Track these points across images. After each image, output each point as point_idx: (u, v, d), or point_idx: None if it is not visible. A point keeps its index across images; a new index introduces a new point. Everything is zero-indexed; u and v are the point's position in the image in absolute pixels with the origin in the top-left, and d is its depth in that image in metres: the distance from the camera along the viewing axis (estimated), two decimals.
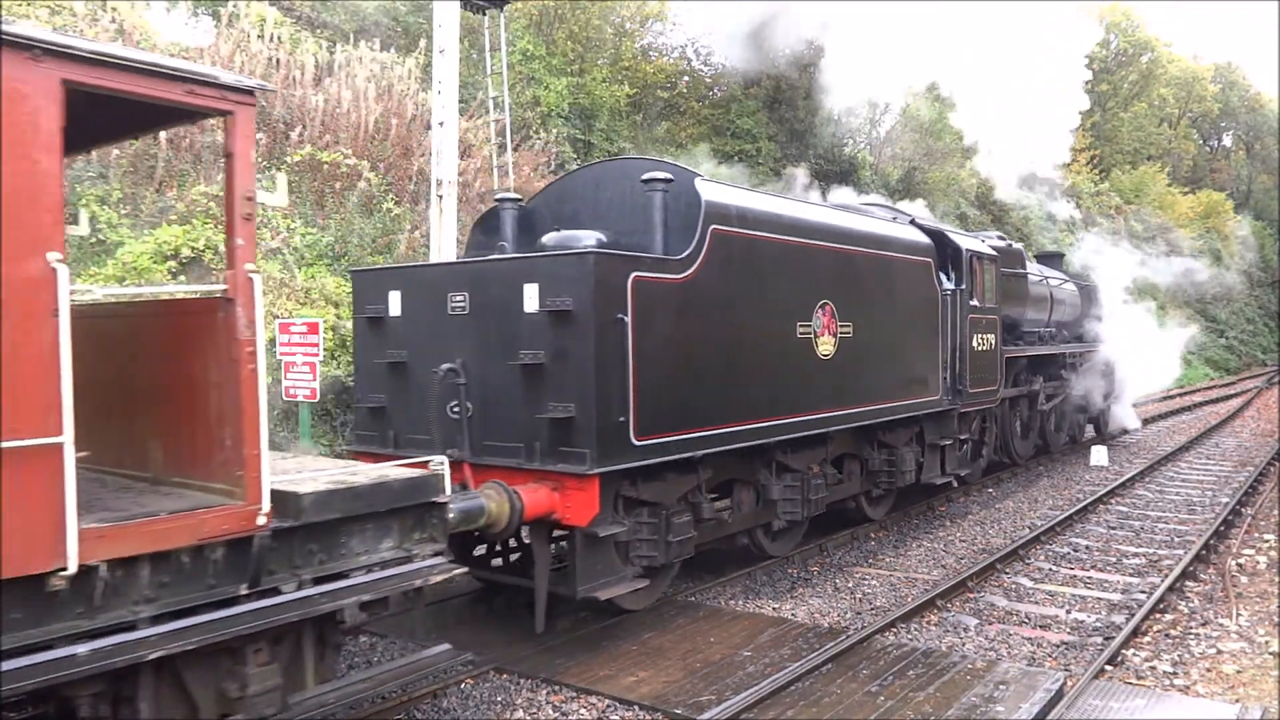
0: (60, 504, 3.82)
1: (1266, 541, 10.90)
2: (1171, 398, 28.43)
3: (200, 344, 4.57)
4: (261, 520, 4.45)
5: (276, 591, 4.64)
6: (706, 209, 7.65)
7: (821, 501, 9.42)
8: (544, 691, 6.27)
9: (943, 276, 11.65)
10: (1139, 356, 19.92)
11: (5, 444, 3.64)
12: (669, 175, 7.87)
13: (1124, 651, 7.23)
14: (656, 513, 7.35)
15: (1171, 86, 56.43)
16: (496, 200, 8.98)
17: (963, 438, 12.35)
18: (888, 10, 21.39)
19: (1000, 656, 7.14)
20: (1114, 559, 10.10)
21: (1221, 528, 11.17)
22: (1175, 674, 6.88)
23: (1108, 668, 6.84)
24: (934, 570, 9.59)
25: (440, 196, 10.99)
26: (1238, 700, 6.39)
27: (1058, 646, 7.42)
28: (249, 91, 4.43)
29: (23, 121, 3.74)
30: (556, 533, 7.16)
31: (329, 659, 5.10)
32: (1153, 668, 6.98)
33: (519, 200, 9.01)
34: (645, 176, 7.86)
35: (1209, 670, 7.01)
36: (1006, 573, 9.50)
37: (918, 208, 18.98)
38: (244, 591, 4.51)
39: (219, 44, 13.93)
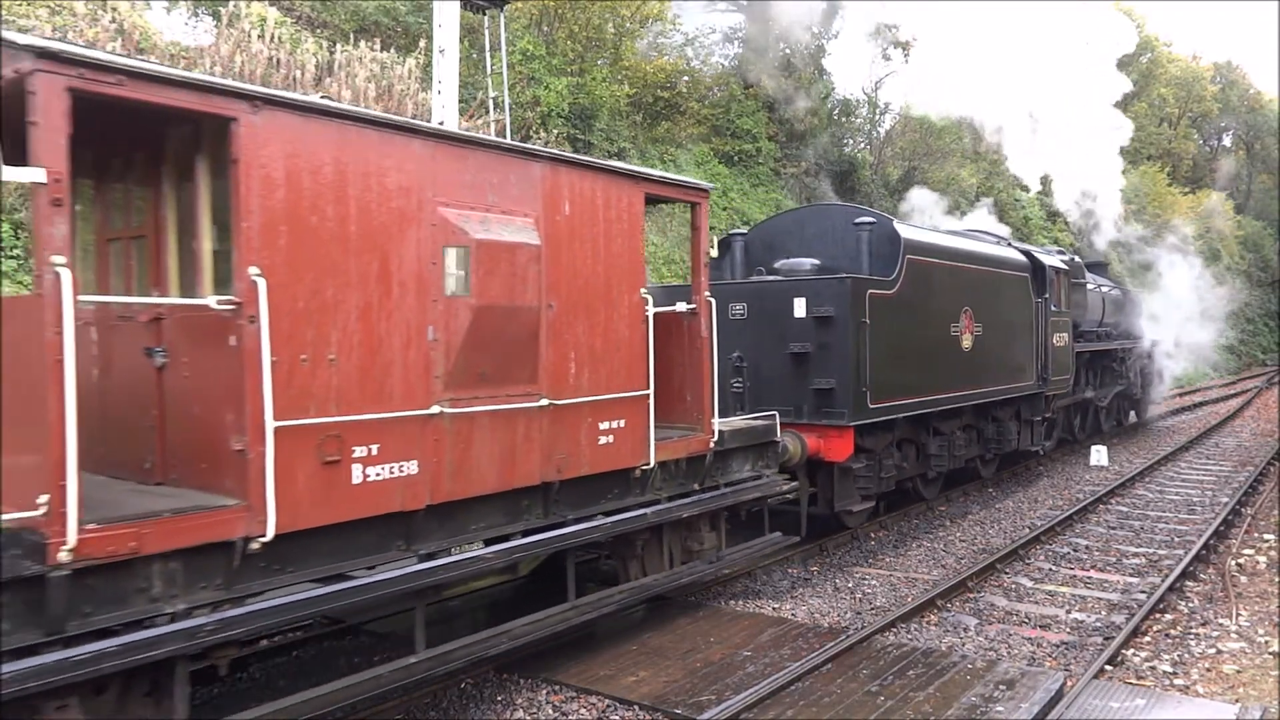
0: (648, 427, 6.92)
1: (1266, 541, 10.90)
2: (1171, 397, 28.43)
3: (677, 339, 7.57)
4: (712, 444, 7.59)
5: (711, 490, 7.77)
6: (905, 244, 10.83)
7: (961, 458, 12.58)
8: (544, 691, 6.27)
9: (1033, 287, 14.57)
10: (1176, 347, 23.42)
11: (632, 393, 6.77)
12: (873, 219, 11.16)
13: (1124, 651, 7.24)
14: (872, 456, 10.44)
15: (1171, 86, 56.35)
16: (730, 234, 12.06)
17: (1047, 416, 15.27)
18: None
19: (1000, 656, 7.14)
20: (1114, 559, 10.10)
21: (1221, 528, 11.17)
22: (1175, 674, 6.88)
23: (1108, 668, 6.84)
24: (934, 570, 9.59)
25: None
26: (1238, 700, 6.38)
27: (1058, 646, 7.42)
28: (706, 191, 7.88)
29: (633, 218, 6.88)
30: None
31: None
32: (1153, 668, 6.99)
33: (744, 233, 12.17)
34: (856, 220, 11.10)
35: (1209, 670, 7.01)
36: (1006, 573, 9.50)
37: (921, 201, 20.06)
38: (697, 488, 7.65)
39: (219, 44, 13.91)
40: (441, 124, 10.94)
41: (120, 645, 4.05)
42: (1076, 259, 18.32)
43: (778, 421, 8.67)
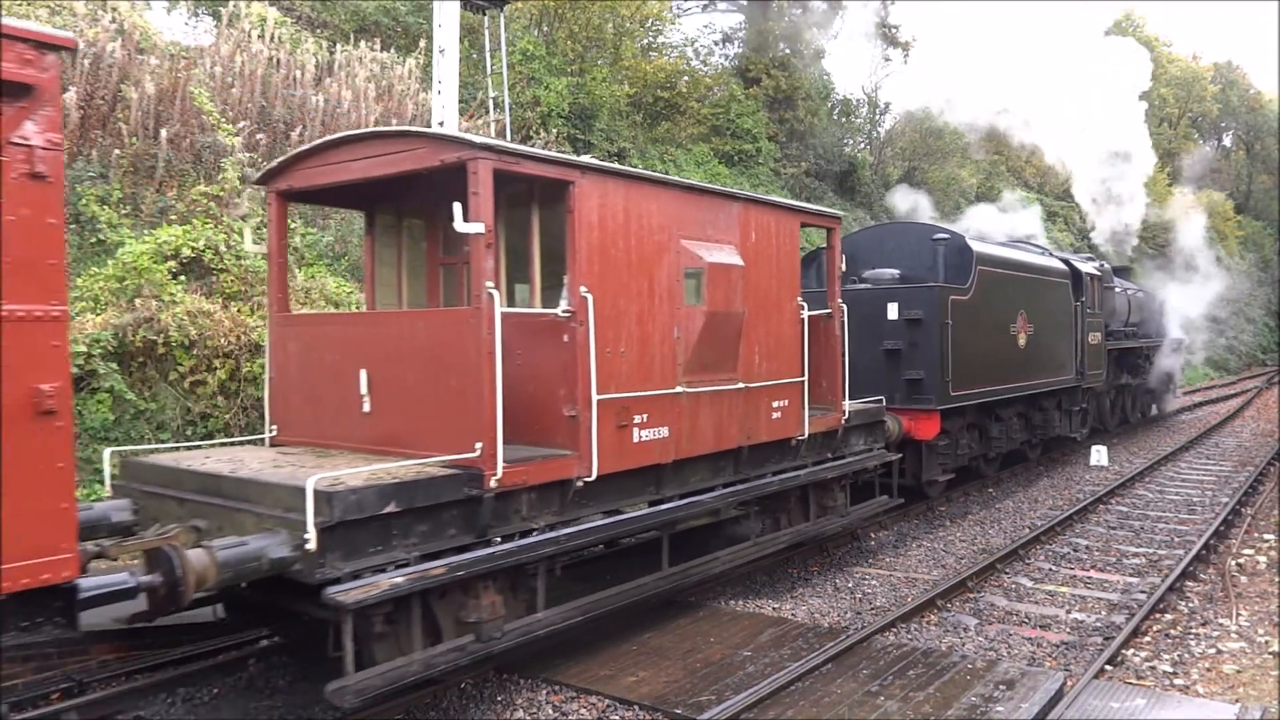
0: (802, 406, 8.72)
1: (1266, 541, 10.90)
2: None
3: (814, 336, 9.04)
4: (843, 422, 9.36)
5: (840, 458, 9.47)
6: (977, 256, 13.04)
7: (1016, 440, 14.80)
8: (544, 691, 6.27)
9: (1072, 291, 16.55)
10: (1192, 343, 25.68)
11: (792, 379, 8.57)
12: (947, 234, 13.31)
13: (1124, 651, 7.23)
14: (951, 436, 12.50)
15: (1171, 86, 56.28)
16: (818, 249, 13.02)
17: (1084, 406, 17.32)
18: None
19: (1000, 656, 7.14)
20: (1114, 559, 10.10)
21: (1221, 528, 11.17)
22: (1175, 674, 6.88)
23: (1108, 667, 6.84)
24: (934, 570, 9.59)
25: None
26: (1238, 700, 6.38)
27: (1058, 646, 7.42)
28: (839, 218, 9.74)
29: (793, 242, 8.62)
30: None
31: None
32: (1153, 668, 6.98)
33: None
34: (934, 236, 13.19)
35: (1209, 670, 7.01)
36: (1006, 573, 9.50)
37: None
38: (830, 457, 9.35)
39: (219, 44, 13.92)
40: (442, 124, 10.96)
41: (518, 546, 5.91)
42: (1106, 265, 20.14)
43: (884, 405, 10.42)
